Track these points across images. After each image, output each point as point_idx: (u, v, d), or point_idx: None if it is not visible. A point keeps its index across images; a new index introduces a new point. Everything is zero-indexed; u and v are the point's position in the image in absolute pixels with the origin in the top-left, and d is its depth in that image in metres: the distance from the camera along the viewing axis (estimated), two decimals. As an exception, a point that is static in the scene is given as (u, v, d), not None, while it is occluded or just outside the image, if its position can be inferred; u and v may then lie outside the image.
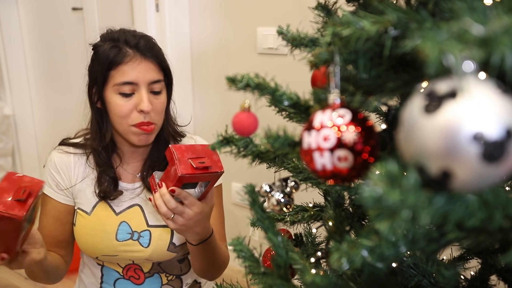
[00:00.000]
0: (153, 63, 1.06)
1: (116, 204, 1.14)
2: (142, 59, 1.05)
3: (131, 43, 1.05)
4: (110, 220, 1.12)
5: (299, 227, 0.87)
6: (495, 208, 0.40)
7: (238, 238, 0.70)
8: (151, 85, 1.06)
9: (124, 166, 1.16)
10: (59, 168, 1.14)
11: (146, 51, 1.06)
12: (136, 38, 1.06)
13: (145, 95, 1.04)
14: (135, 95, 1.05)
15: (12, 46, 3.08)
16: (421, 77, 0.48)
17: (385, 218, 0.39)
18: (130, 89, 1.04)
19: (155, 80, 1.06)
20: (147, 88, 1.05)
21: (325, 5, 0.72)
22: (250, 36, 2.01)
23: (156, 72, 1.07)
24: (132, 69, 1.04)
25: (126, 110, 1.04)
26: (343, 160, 0.49)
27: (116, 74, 1.04)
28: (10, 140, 3.13)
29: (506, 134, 0.35)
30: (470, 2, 0.40)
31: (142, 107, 1.03)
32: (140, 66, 1.04)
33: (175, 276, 1.19)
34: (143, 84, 1.04)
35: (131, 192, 1.15)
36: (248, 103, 0.61)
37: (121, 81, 1.04)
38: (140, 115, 1.05)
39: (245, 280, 0.73)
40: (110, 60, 1.04)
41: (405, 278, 0.64)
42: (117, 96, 1.05)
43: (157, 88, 1.07)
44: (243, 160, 0.67)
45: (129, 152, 1.16)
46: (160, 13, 2.17)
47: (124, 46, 1.05)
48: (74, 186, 1.14)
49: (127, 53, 1.04)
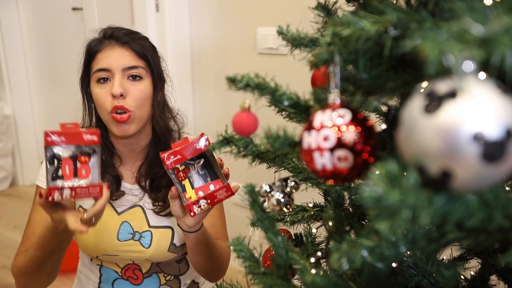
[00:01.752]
0: (128, 49, 1.07)
1: (118, 204, 1.14)
2: (116, 46, 1.06)
3: (108, 33, 1.08)
4: (111, 220, 1.12)
5: (299, 227, 0.87)
6: (495, 208, 0.40)
7: (238, 238, 0.70)
8: (126, 70, 1.05)
9: (125, 166, 1.17)
10: None
11: (121, 39, 1.07)
12: (114, 29, 1.09)
13: (118, 79, 1.04)
14: (110, 81, 1.05)
15: (12, 46, 3.08)
16: (421, 77, 0.48)
17: (385, 218, 0.39)
18: (106, 75, 1.05)
19: (130, 65, 1.05)
20: (121, 74, 1.05)
21: (325, 5, 0.72)
22: (250, 36, 2.01)
23: (132, 58, 1.06)
24: (106, 56, 1.05)
25: (102, 97, 1.05)
26: (343, 160, 0.49)
27: (94, 64, 1.07)
28: (10, 140, 3.13)
29: (506, 134, 0.35)
30: (470, 2, 0.40)
31: (112, 90, 1.03)
32: (114, 52, 1.05)
33: (173, 276, 1.19)
34: (117, 69, 1.05)
35: (132, 193, 1.15)
36: (248, 103, 0.61)
37: (96, 68, 1.06)
38: (113, 101, 1.04)
39: (245, 280, 0.73)
40: (89, 52, 1.07)
41: (405, 278, 0.64)
42: (96, 84, 1.06)
43: (136, 73, 1.06)
44: (243, 160, 0.67)
45: (125, 152, 1.16)
46: (160, 13, 2.17)
47: (102, 37, 1.08)
48: None
49: (103, 43, 1.07)
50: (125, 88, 1.04)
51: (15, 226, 2.65)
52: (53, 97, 3.15)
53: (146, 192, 1.15)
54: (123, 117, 1.04)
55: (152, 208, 1.14)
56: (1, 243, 2.46)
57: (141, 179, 1.15)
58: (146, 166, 1.15)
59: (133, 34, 1.10)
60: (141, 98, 1.06)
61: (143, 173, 1.15)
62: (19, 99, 3.16)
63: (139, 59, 1.07)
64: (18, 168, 3.23)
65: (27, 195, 3.10)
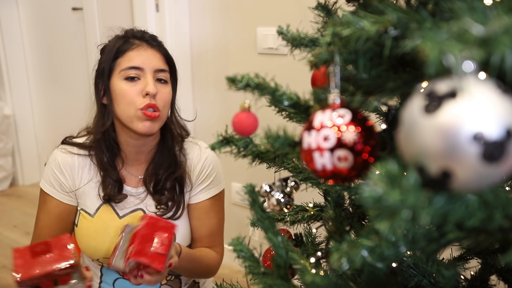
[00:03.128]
0: (159, 52, 1.10)
1: (120, 207, 1.13)
2: (148, 47, 1.08)
3: (137, 35, 1.10)
4: (113, 223, 1.12)
5: (299, 227, 0.87)
6: (495, 208, 0.40)
7: (238, 238, 0.70)
8: (156, 73, 1.07)
9: (127, 169, 1.15)
10: (63, 169, 1.13)
11: (152, 41, 1.10)
12: (142, 32, 1.12)
13: (151, 79, 1.05)
14: (141, 80, 1.06)
15: (12, 46, 3.08)
16: (421, 77, 0.48)
17: (385, 218, 0.39)
18: (136, 74, 1.06)
19: (160, 68, 1.08)
20: (152, 74, 1.06)
21: (325, 5, 0.72)
22: (250, 36, 2.01)
23: (162, 61, 1.09)
24: (138, 54, 1.06)
25: (132, 94, 1.04)
26: (343, 160, 0.49)
27: (123, 61, 1.06)
28: (10, 140, 3.13)
29: (506, 134, 0.35)
30: (470, 2, 0.40)
31: (148, 89, 1.04)
32: (147, 53, 1.07)
33: (174, 276, 1.19)
34: (149, 70, 1.06)
35: (135, 197, 1.14)
36: (248, 103, 0.61)
37: (127, 66, 1.05)
38: (146, 99, 1.04)
39: (245, 280, 0.73)
40: (117, 49, 1.07)
41: (405, 278, 0.64)
42: (123, 81, 1.06)
43: (163, 77, 1.08)
44: (243, 160, 0.67)
45: (132, 153, 1.14)
46: (160, 13, 2.16)
47: (130, 37, 1.10)
48: (79, 189, 1.13)
49: (134, 42, 1.08)
50: (157, 90, 1.06)
51: (15, 226, 2.64)
52: (53, 97, 3.15)
53: (149, 193, 1.14)
54: (155, 114, 1.05)
55: (154, 211, 1.13)
56: (1, 243, 2.46)
57: (147, 180, 1.14)
58: (153, 167, 1.14)
59: (158, 39, 1.14)
60: (167, 100, 1.09)
61: (150, 174, 1.14)
62: (19, 99, 3.16)
63: (166, 64, 1.10)
64: (18, 168, 3.23)
65: (27, 195, 3.10)
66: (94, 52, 1.19)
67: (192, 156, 1.17)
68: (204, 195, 1.17)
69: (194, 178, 1.16)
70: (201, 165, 1.17)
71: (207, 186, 1.18)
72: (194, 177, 1.16)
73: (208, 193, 1.18)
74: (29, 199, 3.02)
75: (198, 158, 1.17)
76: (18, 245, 1.13)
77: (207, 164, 1.18)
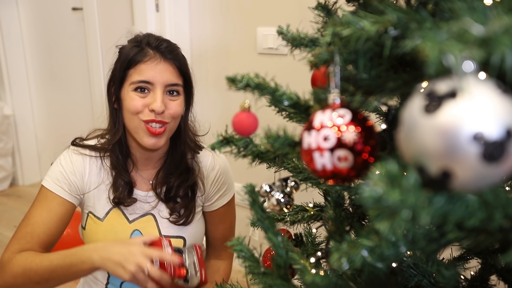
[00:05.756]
0: (172, 65, 1.06)
1: (129, 212, 1.12)
2: (161, 60, 1.05)
3: (152, 44, 1.06)
4: (122, 228, 1.11)
5: (299, 227, 0.87)
6: (495, 208, 0.40)
7: (238, 238, 0.70)
8: (167, 87, 1.05)
9: (139, 172, 1.15)
10: (75, 170, 1.11)
11: (167, 53, 1.06)
12: (158, 41, 1.07)
13: (159, 95, 1.03)
14: (150, 94, 1.04)
15: (12, 46, 3.08)
16: (421, 77, 0.48)
17: (385, 218, 0.39)
18: (146, 87, 1.04)
19: (172, 83, 1.05)
20: (163, 89, 1.04)
21: (325, 5, 0.72)
22: (250, 36, 2.01)
23: (175, 75, 1.06)
24: (150, 68, 1.04)
25: (139, 106, 1.04)
26: (343, 160, 0.49)
27: (134, 73, 1.05)
28: (10, 140, 3.13)
29: (506, 134, 0.35)
30: (470, 2, 0.40)
31: (154, 106, 1.02)
32: (158, 67, 1.04)
33: None
34: (159, 84, 1.04)
35: (145, 201, 1.13)
36: (248, 103, 0.61)
37: (138, 79, 1.04)
38: (151, 113, 1.04)
39: (245, 280, 0.73)
40: (130, 59, 1.05)
41: (405, 278, 0.64)
42: (132, 92, 1.05)
43: (174, 89, 1.06)
44: (243, 160, 0.67)
45: (142, 158, 1.14)
46: (160, 13, 2.17)
47: (145, 46, 1.06)
48: (88, 193, 1.12)
49: (147, 53, 1.05)
50: (165, 103, 1.04)
51: (15, 226, 2.63)
52: (53, 97, 3.14)
53: (161, 200, 1.13)
54: (160, 130, 1.04)
55: (167, 217, 1.12)
56: (1, 243, 2.46)
57: (157, 186, 1.13)
58: (163, 174, 1.13)
59: (175, 48, 1.09)
60: (177, 112, 1.07)
61: (160, 180, 1.13)
62: (19, 99, 3.16)
63: (179, 77, 1.07)
64: (18, 168, 3.23)
65: (27, 195, 3.10)
66: (94, 52, 1.19)
67: (205, 163, 1.17)
68: (219, 203, 1.19)
69: (208, 186, 1.16)
70: (215, 173, 1.17)
71: (223, 193, 1.19)
72: (208, 185, 1.16)
73: (223, 200, 1.20)
74: (29, 199, 3.01)
75: (212, 166, 1.17)
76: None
77: (222, 172, 1.18)
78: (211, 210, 1.19)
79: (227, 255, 1.25)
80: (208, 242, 1.25)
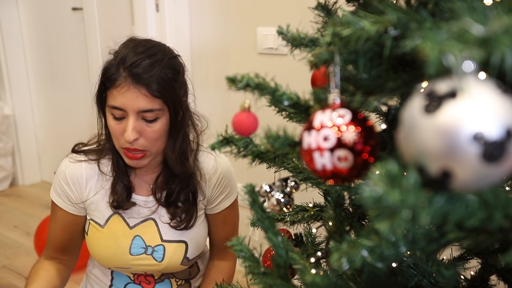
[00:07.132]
0: (144, 90, 0.96)
1: (130, 217, 1.12)
2: (131, 86, 0.96)
3: (127, 63, 0.96)
4: (123, 234, 1.10)
5: (299, 227, 0.87)
6: (495, 208, 0.40)
7: (238, 238, 0.70)
8: (141, 113, 0.98)
9: (138, 176, 1.14)
10: (70, 182, 1.10)
11: (139, 77, 0.95)
12: (136, 56, 0.97)
13: (131, 124, 0.97)
14: (124, 120, 0.99)
15: (12, 46, 3.08)
16: (421, 77, 0.48)
17: (385, 218, 0.39)
18: (120, 114, 0.99)
19: (145, 109, 0.97)
20: (135, 116, 0.98)
21: (325, 5, 0.72)
22: (250, 36, 2.01)
23: (148, 100, 0.97)
24: (120, 95, 0.97)
25: (117, 132, 1.01)
26: (343, 160, 0.49)
27: (110, 96, 1.00)
28: (10, 140, 3.13)
29: (506, 134, 0.35)
30: (470, 2, 0.40)
31: (125, 136, 0.98)
32: (129, 93, 0.96)
33: (184, 280, 1.20)
34: (131, 111, 0.97)
35: (145, 206, 1.12)
36: (248, 103, 0.61)
37: (112, 104, 0.99)
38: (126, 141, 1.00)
39: (245, 280, 0.73)
40: (105, 79, 1.00)
41: (405, 278, 0.64)
42: (110, 116, 1.01)
43: (149, 117, 0.98)
44: (243, 160, 0.67)
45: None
46: (160, 13, 2.17)
47: (120, 66, 0.97)
48: (87, 200, 1.12)
49: (118, 77, 0.97)
50: (139, 130, 0.99)
51: (15, 226, 2.64)
52: (53, 97, 3.14)
53: (161, 205, 1.12)
54: (138, 156, 1.02)
55: (168, 222, 1.12)
56: (1, 243, 2.46)
57: (157, 190, 1.12)
58: (163, 178, 1.12)
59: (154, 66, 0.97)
60: (156, 137, 1.01)
61: (160, 185, 1.12)
62: (19, 99, 3.16)
63: (154, 100, 0.97)
64: (18, 168, 3.23)
65: (27, 195, 3.10)
66: (94, 52, 1.18)
67: (207, 166, 1.14)
68: (222, 205, 1.18)
69: (211, 190, 1.15)
70: (218, 176, 1.15)
71: (225, 196, 1.18)
72: (210, 188, 1.15)
73: (226, 203, 1.18)
74: (29, 199, 3.02)
75: (214, 169, 1.14)
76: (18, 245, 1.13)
77: (224, 175, 1.16)
78: (214, 212, 1.18)
79: (230, 255, 1.25)
80: (212, 243, 1.25)
